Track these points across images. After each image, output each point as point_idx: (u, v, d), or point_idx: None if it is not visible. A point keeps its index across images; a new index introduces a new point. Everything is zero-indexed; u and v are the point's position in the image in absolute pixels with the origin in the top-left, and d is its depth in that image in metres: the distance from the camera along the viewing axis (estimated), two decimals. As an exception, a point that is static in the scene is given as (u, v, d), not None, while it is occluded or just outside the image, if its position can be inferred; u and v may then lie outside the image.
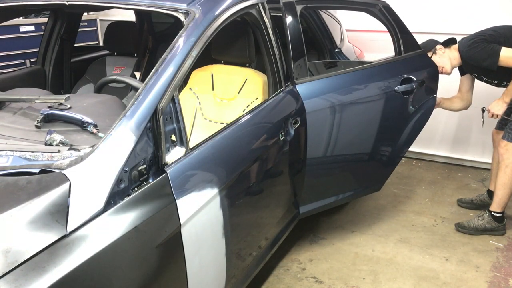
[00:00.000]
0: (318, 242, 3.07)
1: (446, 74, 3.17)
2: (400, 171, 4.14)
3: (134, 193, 1.47)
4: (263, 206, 2.29)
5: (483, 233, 3.12)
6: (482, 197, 3.49)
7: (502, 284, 2.66)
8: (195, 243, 1.68)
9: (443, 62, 3.14)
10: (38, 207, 1.25)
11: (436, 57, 3.14)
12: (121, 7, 2.27)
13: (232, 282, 2.04)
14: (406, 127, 2.98)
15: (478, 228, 3.13)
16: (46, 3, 2.38)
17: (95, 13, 5.17)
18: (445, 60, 3.14)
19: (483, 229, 3.12)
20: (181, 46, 1.79)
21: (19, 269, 1.15)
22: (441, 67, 3.12)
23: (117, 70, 3.25)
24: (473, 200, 3.52)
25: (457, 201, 3.58)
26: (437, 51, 3.15)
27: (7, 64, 4.18)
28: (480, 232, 3.12)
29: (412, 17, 3.45)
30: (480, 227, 3.13)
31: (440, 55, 3.15)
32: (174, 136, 1.68)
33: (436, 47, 3.16)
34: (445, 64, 3.14)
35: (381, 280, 2.69)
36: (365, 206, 3.55)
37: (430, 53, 3.14)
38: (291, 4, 2.55)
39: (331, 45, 3.46)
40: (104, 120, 1.77)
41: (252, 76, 2.58)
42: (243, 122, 2.08)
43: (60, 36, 3.20)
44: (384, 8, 2.94)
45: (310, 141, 2.55)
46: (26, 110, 1.89)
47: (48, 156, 1.47)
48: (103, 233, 1.34)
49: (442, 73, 3.15)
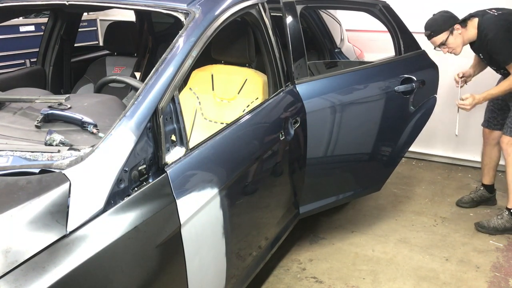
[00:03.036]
0: (318, 242, 3.07)
1: (455, 54, 3.01)
2: (400, 171, 4.14)
3: (134, 193, 1.47)
4: (263, 206, 2.29)
5: (504, 232, 3.09)
6: (480, 192, 3.49)
7: (502, 284, 2.66)
8: (195, 243, 1.68)
9: (456, 43, 2.94)
10: (38, 207, 1.25)
11: (452, 37, 2.92)
12: (121, 7, 2.27)
13: (232, 282, 2.04)
14: (406, 127, 2.98)
15: (498, 228, 3.10)
16: (46, 3, 2.38)
17: (95, 13, 5.17)
18: (458, 41, 2.94)
19: (503, 229, 3.09)
20: (181, 46, 1.79)
21: (19, 269, 1.15)
22: (452, 49, 2.97)
23: (117, 70, 3.25)
24: (473, 198, 3.51)
25: (457, 203, 3.56)
26: (454, 31, 2.91)
27: (7, 64, 4.18)
28: (500, 232, 3.10)
29: (412, 17, 3.45)
30: (500, 226, 3.10)
31: (456, 36, 2.92)
32: (174, 136, 1.68)
33: (454, 27, 2.92)
34: (458, 44, 2.95)
35: (381, 280, 2.69)
36: (365, 206, 3.55)
37: (446, 34, 2.92)
38: (291, 4, 2.55)
39: (331, 45, 3.46)
40: (104, 120, 1.77)
41: (252, 76, 2.58)
42: (243, 122, 2.08)
43: (60, 36, 3.20)
44: (384, 8, 2.94)
45: (310, 141, 2.55)
46: (26, 110, 1.89)
47: (48, 156, 1.47)
48: (103, 233, 1.34)
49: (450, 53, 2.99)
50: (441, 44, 2.98)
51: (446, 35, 2.93)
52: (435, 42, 3.00)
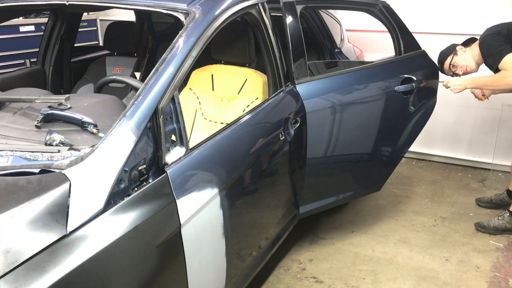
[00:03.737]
0: (318, 242, 3.07)
1: (472, 72, 3.08)
2: (400, 171, 4.14)
3: (134, 193, 1.47)
4: (263, 206, 2.29)
5: (503, 233, 3.11)
6: (502, 196, 3.47)
7: (502, 284, 2.66)
8: (195, 243, 1.68)
9: (465, 61, 3.04)
10: (38, 207, 1.25)
11: (457, 57, 3.05)
12: (121, 7, 2.27)
13: (232, 282, 2.04)
14: (406, 127, 2.98)
15: (498, 227, 3.12)
16: (46, 3, 2.38)
17: (95, 13, 5.17)
18: (467, 58, 3.04)
19: (503, 229, 3.11)
20: (181, 46, 1.79)
21: (19, 269, 1.15)
22: (464, 67, 3.05)
23: (117, 70, 3.25)
24: (492, 200, 3.51)
25: (476, 201, 3.57)
26: (457, 52, 3.06)
27: (7, 64, 4.18)
28: (500, 232, 3.11)
29: (412, 17, 3.45)
30: (500, 226, 3.12)
31: (461, 55, 3.06)
32: (174, 136, 1.68)
33: (456, 48, 3.08)
34: (468, 62, 3.04)
35: (381, 280, 2.69)
36: (365, 206, 3.55)
37: (451, 57, 3.06)
38: (291, 4, 2.55)
39: (331, 45, 3.46)
40: (104, 120, 1.77)
41: (252, 76, 2.58)
42: (243, 122, 2.08)
43: (60, 36, 3.20)
44: (384, 8, 2.94)
45: (310, 141, 2.55)
46: (26, 110, 1.89)
47: (48, 156, 1.47)
48: (103, 233, 1.34)
49: (468, 73, 3.07)
50: (451, 67, 3.08)
51: (451, 57, 3.07)
52: (445, 68, 3.11)
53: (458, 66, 3.07)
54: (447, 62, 3.09)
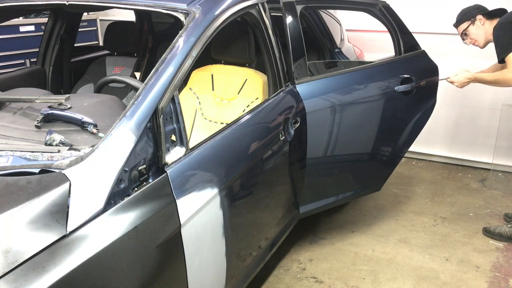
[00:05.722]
0: (318, 242, 3.07)
1: (478, 47, 3.02)
2: (400, 171, 4.14)
3: (134, 193, 1.47)
4: (263, 206, 2.29)
5: (509, 240, 3.06)
6: None
7: (502, 284, 2.66)
8: (195, 243, 1.68)
9: (477, 34, 2.95)
10: (38, 207, 1.25)
11: (472, 28, 2.94)
12: (121, 7, 2.27)
13: (232, 282, 2.04)
14: (406, 127, 2.98)
15: (503, 234, 3.06)
16: (46, 3, 2.38)
17: (95, 13, 5.17)
18: (480, 33, 2.94)
19: (508, 237, 3.06)
20: (181, 46, 1.79)
21: (19, 269, 1.15)
22: (474, 40, 2.97)
23: (117, 70, 3.25)
24: None
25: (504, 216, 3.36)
26: (476, 21, 2.92)
27: (7, 64, 4.18)
28: (505, 239, 3.06)
29: (412, 17, 3.45)
30: (505, 233, 3.06)
31: (477, 27, 2.93)
32: (174, 136, 1.68)
33: (476, 17, 2.92)
34: (479, 37, 2.95)
35: (381, 280, 2.69)
36: (365, 206, 3.55)
37: (467, 23, 2.95)
38: (291, 4, 2.55)
39: (331, 45, 3.46)
40: (104, 120, 1.77)
41: (252, 76, 2.58)
42: (243, 122, 2.08)
43: (60, 36, 3.20)
44: (384, 8, 2.94)
45: (310, 141, 2.55)
46: (26, 110, 1.89)
47: (48, 156, 1.47)
48: (103, 233, 1.34)
49: (474, 45, 3.00)
50: (463, 33, 3.01)
51: (467, 24, 2.97)
52: (458, 30, 3.04)
53: (469, 36, 2.99)
54: (462, 26, 2.99)
